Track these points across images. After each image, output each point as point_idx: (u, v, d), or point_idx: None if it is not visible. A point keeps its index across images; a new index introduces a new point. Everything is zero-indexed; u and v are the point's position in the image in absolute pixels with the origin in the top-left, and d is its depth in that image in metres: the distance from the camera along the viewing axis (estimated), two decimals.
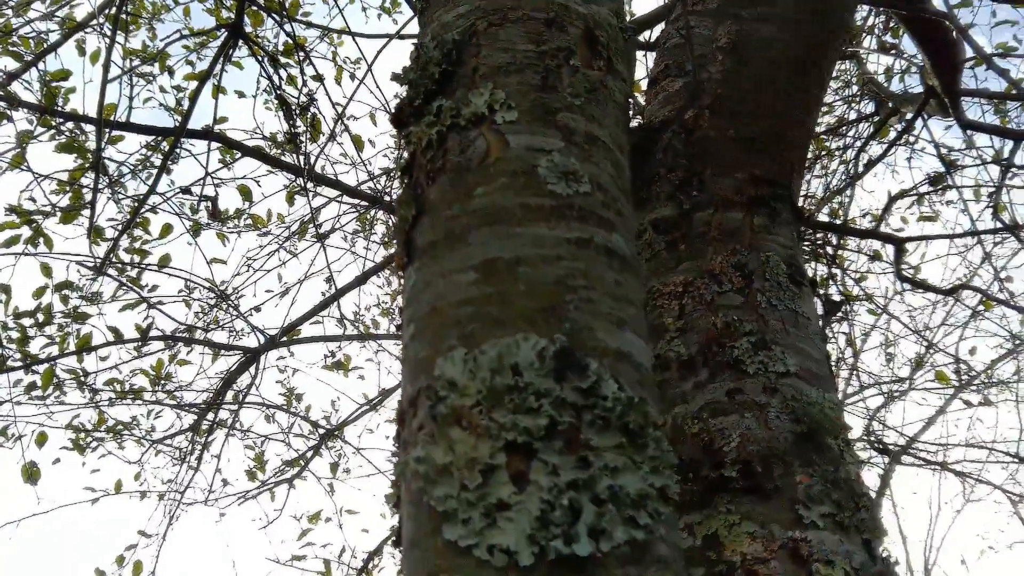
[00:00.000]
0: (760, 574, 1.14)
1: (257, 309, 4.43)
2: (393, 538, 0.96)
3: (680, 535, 0.83)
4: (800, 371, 1.35)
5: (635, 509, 0.76)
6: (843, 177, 3.82)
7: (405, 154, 1.00)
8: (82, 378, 4.97)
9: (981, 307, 5.32)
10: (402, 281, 0.97)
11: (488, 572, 0.72)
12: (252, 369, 4.74)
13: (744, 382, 1.31)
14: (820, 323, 1.47)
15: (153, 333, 4.55)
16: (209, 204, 3.36)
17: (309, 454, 4.84)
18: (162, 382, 5.18)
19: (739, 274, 1.45)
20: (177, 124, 3.38)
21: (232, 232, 4.72)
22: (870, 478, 6.92)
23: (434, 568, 0.75)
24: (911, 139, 3.80)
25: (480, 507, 0.75)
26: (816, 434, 1.25)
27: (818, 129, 4.32)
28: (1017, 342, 6.07)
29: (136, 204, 3.47)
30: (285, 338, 4.36)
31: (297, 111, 3.34)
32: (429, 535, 0.77)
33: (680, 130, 1.66)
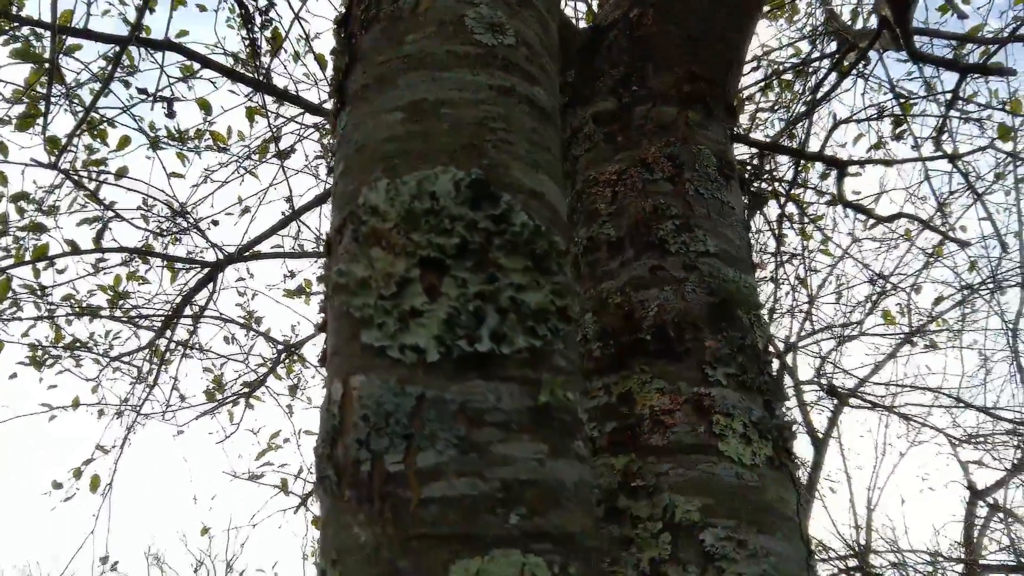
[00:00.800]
0: (666, 423, 1.24)
1: (215, 223, 4.43)
2: (319, 357, 1.04)
3: (578, 351, 0.92)
4: (720, 253, 1.44)
5: (535, 321, 0.84)
6: (801, 108, 3.90)
7: (343, 8, 1.05)
8: (38, 292, 4.94)
9: (932, 256, 5.52)
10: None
11: (400, 369, 0.80)
12: (210, 287, 4.76)
13: (666, 260, 1.40)
14: (745, 215, 1.56)
15: (110, 247, 4.53)
16: (166, 105, 3.32)
17: (267, 369, 4.91)
18: (120, 301, 5.17)
19: (671, 164, 1.53)
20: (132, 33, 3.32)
21: (192, 151, 4.67)
22: (820, 421, 7.20)
23: (352, 368, 0.83)
24: (865, 72, 3.88)
25: (395, 314, 0.82)
26: (728, 306, 1.35)
27: (782, 66, 4.38)
28: (965, 290, 6.32)
29: (90, 104, 3.42)
30: (246, 253, 4.38)
31: (256, 16, 3.30)
32: (348, 341, 0.84)
33: (625, 28, 1.71)
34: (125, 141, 4.36)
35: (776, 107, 4.64)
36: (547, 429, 0.81)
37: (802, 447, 7.06)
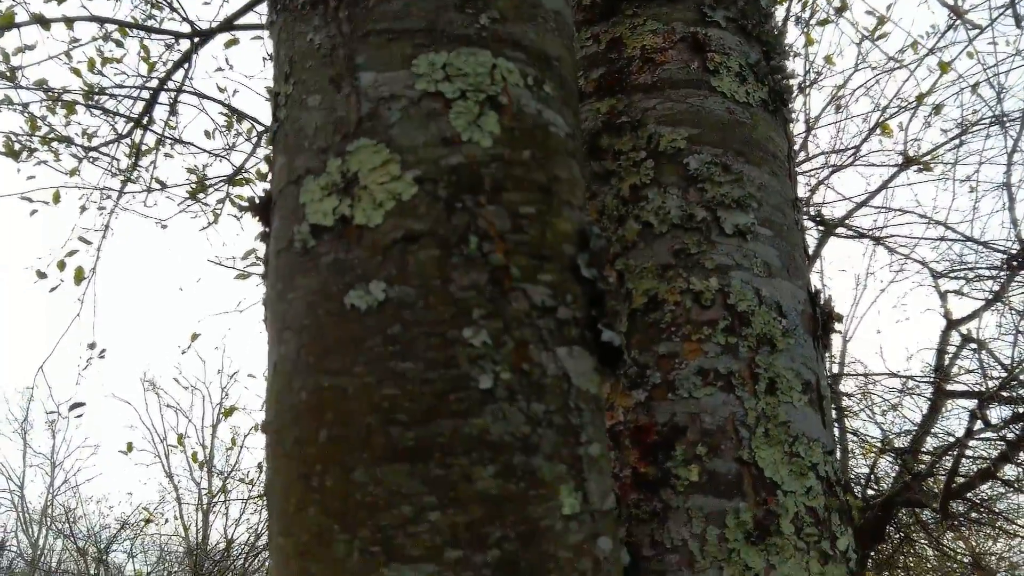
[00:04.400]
0: (656, 60, 1.16)
1: None
2: None
3: None
4: None
5: None
6: None
7: None
8: (7, 75, 4.71)
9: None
10: None
11: None
12: (187, 66, 4.54)
13: None
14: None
15: (80, 16, 4.26)
16: None
17: (249, 153, 4.80)
18: (96, 98, 4.95)
19: None
20: None
21: None
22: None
23: None
24: None
25: None
26: None
27: None
28: (964, 125, 6.14)
29: None
30: (223, 28, 4.14)
31: None
32: None
33: None
34: None
35: None
36: None
37: None
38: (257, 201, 0.82)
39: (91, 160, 5.28)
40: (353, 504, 0.67)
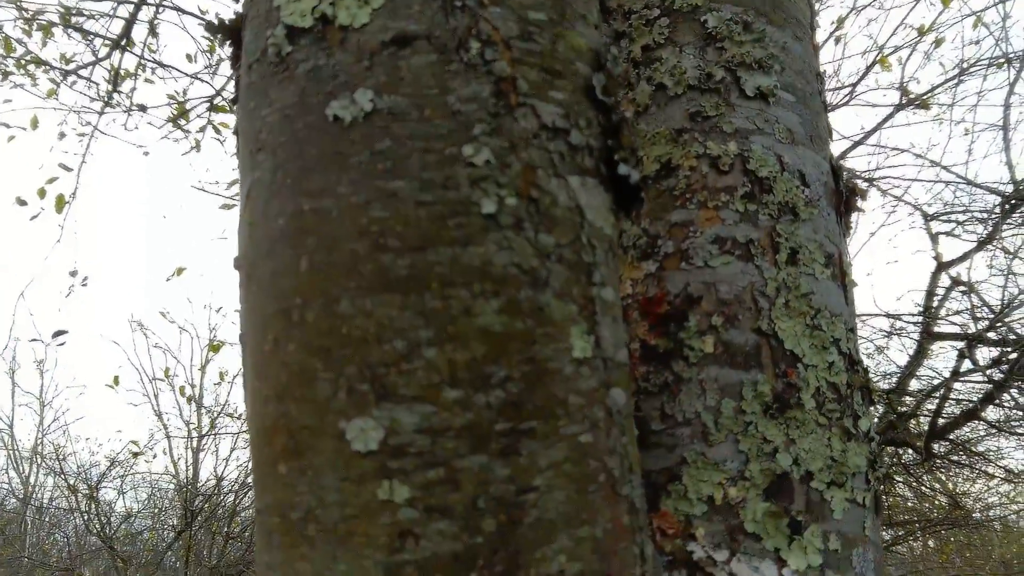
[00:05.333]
0: None
1: None
2: None
3: None
4: None
5: None
6: None
7: None
8: None
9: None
10: None
11: None
12: None
13: None
14: None
15: None
16: None
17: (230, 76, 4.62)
18: (73, 19, 4.74)
19: None
20: None
21: None
22: None
23: None
24: None
25: None
26: None
27: None
28: (963, 65, 6.00)
29: None
30: None
31: None
32: None
33: None
34: None
35: None
36: None
37: None
38: (227, 22, 0.72)
39: (69, 84, 5.09)
40: (338, 339, 0.59)
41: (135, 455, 7.89)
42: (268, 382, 0.62)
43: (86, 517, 9.79)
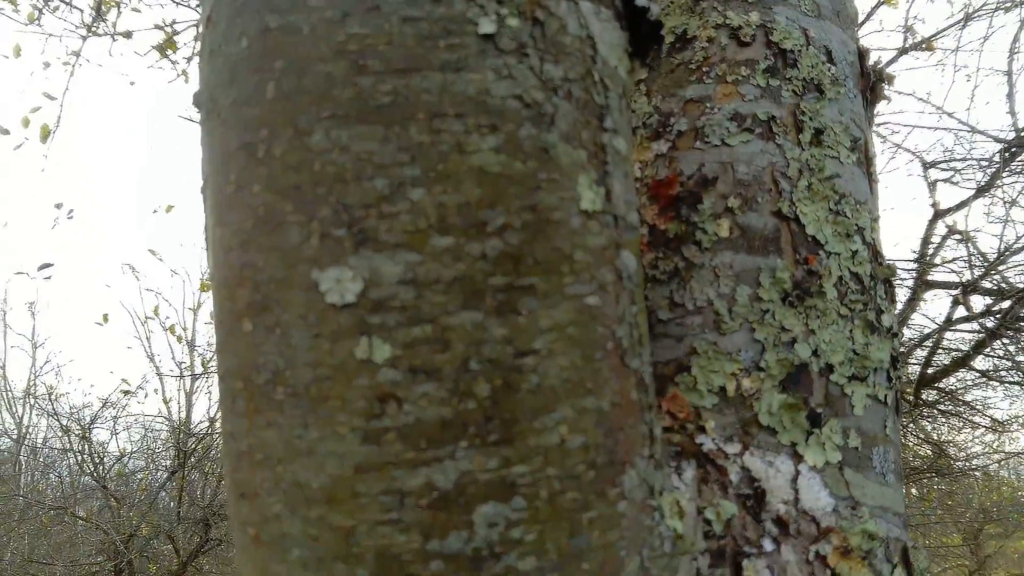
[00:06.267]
0: None
1: None
2: None
3: None
4: None
5: None
6: None
7: None
8: None
9: None
10: None
11: None
12: None
13: None
14: None
15: None
16: None
17: None
18: None
19: None
20: None
21: None
22: None
23: None
24: None
25: None
26: None
27: None
28: (970, 10, 5.82)
29: None
30: None
31: None
32: None
33: None
34: None
35: None
36: None
37: None
38: None
39: (51, 10, 4.90)
40: (310, 177, 0.51)
41: (125, 393, 7.87)
42: (230, 228, 0.54)
43: (80, 458, 9.83)
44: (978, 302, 6.08)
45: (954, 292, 6.09)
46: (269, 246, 0.52)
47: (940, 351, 6.51)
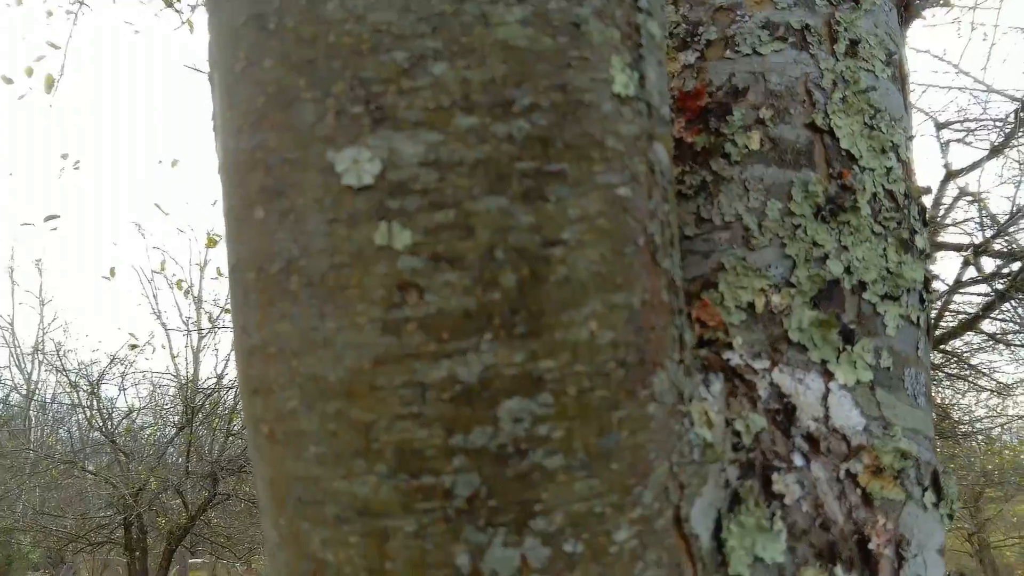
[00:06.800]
0: None
1: None
2: None
3: None
4: None
5: None
6: None
7: None
8: None
9: None
10: None
11: None
12: None
13: None
14: None
15: None
16: None
17: None
18: None
19: None
20: None
21: None
22: None
23: None
24: None
25: None
26: None
27: None
28: None
29: None
30: None
31: None
32: None
33: None
34: None
35: None
36: None
37: None
38: None
39: None
40: (324, 50, 0.48)
41: (133, 347, 7.90)
42: (240, 109, 0.51)
43: (88, 413, 9.92)
44: (988, 264, 6.03)
45: (964, 253, 6.03)
46: (282, 125, 0.49)
47: (948, 313, 6.47)
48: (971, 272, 5.91)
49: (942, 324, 6.22)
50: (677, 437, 0.55)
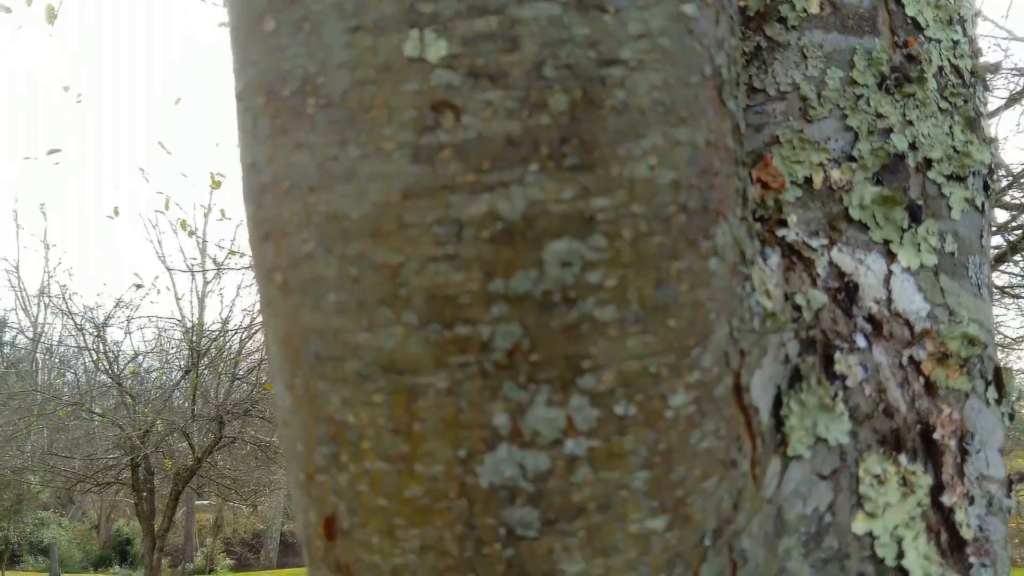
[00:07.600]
0: None
1: None
2: None
3: None
4: None
5: None
6: None
7: None
8: None
9: None
10: None
11: None
12: None
13: None
14: None
15: None
16: None
17: None
18: None
19: None
20: None
21: None
22: None
23: None
24: None
25: None
26: None
27: None
28: None
29: None
30: None
31: None
32: None
33: None
34: None
35: None
36: None
37: None
38: None
39: None
40: None
41: (137, 287, 7.88)
42: None
43: (95, 356, 9.95)
44: (1001, 215, 5.93)
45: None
46: None
47: None
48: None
49: None
50: (739, 300, 0.49)
